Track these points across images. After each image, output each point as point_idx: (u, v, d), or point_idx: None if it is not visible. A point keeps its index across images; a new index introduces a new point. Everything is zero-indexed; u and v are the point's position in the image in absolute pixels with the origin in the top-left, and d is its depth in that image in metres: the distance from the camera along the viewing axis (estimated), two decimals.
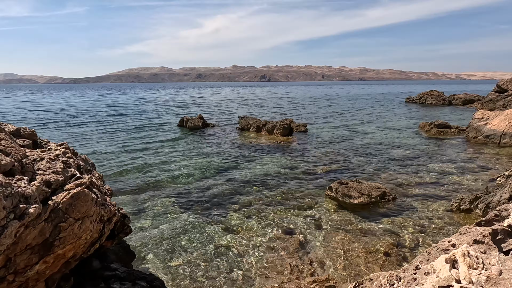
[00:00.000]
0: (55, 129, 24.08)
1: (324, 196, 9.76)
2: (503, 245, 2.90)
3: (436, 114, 32.49)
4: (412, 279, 2.88)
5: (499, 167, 12.33)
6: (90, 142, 18.73)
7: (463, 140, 18.11)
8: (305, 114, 33.90)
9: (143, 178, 11.66)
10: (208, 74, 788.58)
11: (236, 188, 10.53)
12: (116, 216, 4.63)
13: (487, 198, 8.05)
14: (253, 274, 6.00)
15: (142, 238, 7.30)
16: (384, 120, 27.68)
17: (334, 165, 13.32)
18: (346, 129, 23.17)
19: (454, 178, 11.20)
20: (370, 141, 18.39)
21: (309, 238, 7.26)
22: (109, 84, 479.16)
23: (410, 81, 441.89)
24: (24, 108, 43.22)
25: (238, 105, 46.15)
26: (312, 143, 17.83)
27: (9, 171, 3.29)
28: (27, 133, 4.54)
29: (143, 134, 21.36)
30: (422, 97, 46.49)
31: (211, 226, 7.90)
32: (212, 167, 13.09)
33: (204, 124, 24.02)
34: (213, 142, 18.38)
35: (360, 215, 8.39)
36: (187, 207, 9.06)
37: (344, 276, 5.87)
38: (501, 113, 18.16)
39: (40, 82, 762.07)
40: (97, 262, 4.78)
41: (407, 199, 9.45)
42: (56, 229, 3.42)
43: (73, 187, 3.71)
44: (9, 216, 2.92)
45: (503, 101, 31.33)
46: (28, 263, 3.26)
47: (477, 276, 2.46)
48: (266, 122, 22.11)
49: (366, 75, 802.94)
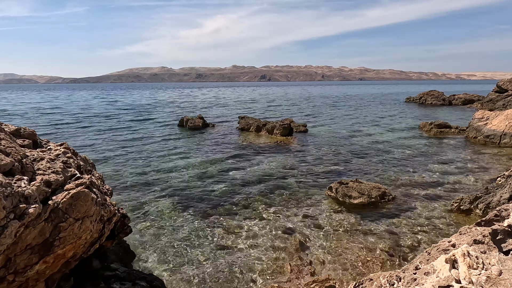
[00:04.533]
0: (55, 128, 24.11)
1: (324, 196, 9.76)
2: (503, 245, 2.90)
3: (436, 114, 32.49)
4: (412, 279, 2.88)
5: (499, 167, 12.33)
6: (90, 142, 18.73)
7: (463, 140, 18.11)
8: (305, 114, 33.90)
9: (143, 178, 11.66)
10: (208, 74, 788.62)
11: (236, 188, 10.53)
12: (116, 216, 4.63)
13: (487, 198, 8.05)
14: (253, 274, 6.00)
15: (142, 238, 7.30)
16: (384, 120, 27.69)
17: (334, 165, 13.32)
18: (346, 129, 23.17)
19: (454, 178, 11.19)
20: (370, 141, 18.39)
21: (309, 238, 7.26)
22: (109, 84, 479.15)
23: (410, 81, 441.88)
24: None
25: (238, 105, 46.16)
26: (312, 143, 17.83)
27: (9, 171, 3.29)
28: (27, 133, 4.54)
29: (143, 134, 21.37)
30: (422, 97, 46.50)
31: (211, 226, 7.90)
32: (212, 167, 13.09)
33: (204, 124, 24.02)
34: (213, 142, 18.38)
35: (360, 215, 8.39)
36: (187, 207, 9.05)
37: (344, 276, 5.87)
38: (501, 113, 18.15)
39: (40, 82, 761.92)
40: (97, 262, 4.78)
41: (407, 199, 9.45)
42: (56, 229, 3.42)
43: (73, 187, 3.71)
44: (9, 216, 2.92)
45: (503, 101, 31.33)
46: (28, 263, 3.25)
47: (477, 276, 2.46)
48: (266, 122, 22.11)
49: (366, 75, 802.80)
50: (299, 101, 53.69)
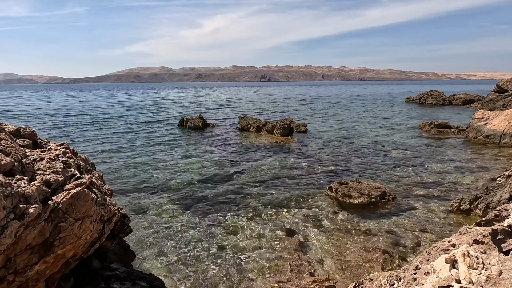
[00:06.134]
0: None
1: (324, 196, 9.76)
2: (503, 245, 2.90)
3: (436, 114, 32.48)
4: (412, 279, 2.88)
5: (499, 167, 12.33)
6: (90, 142, 18.72)
7: (463, 140, 18.11)
8: (305, 114, 33.90)
9: (143, 178, 11.66)
10: (208, 74, 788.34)
11: (236, 188, 10.53)
12: (116, 216, 4.63)
13: (487, 198, 8.04)
14: (253, 274, 6.00)
15: (142, 238, 7.30)
16: (384, 120, 27.68)
17: (334, 165, 13.32)
18: (346, 129, 23.17)
19: (454, 178, 11.19)
20: (370, 141, 18.39)
21: (309, 238, 7.26)
22: (110, 84, 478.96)
23: (410, 81, 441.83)
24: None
25: (238, 105, 46.14)
26: (312, 143, 17.83)
27: (9, 171, 3.29)
28: (27, 133, 4.54)
29: (143, 134, 21.36)
30: (422, 97, 46.49)
31: (211, 226, 7.90)
32: (212, 167, 13.09)
33: (204, 124, 24.02)
34: (213, 142, 18.38)
35: (360, 215, 8.39)
36: (187, 207, 9.06)
37: (344, 276, 5.87)
38: (501, 113, 18.15)
39: (40, 82, 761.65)
40: (97, 262, 4.78)
41: (407, 199, 9.45)
42: (56, 229, 3.42)
43: (73, 187, 3.71)
44: (9, 216, 2.92)
45: (503, 101, 31.34)
46: (28, 263, 3.25)
47: (477, 276, 2.46)
48: (266, 122, 22.11)
49: (366, 75, 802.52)
50: (299, 101, 53.69)
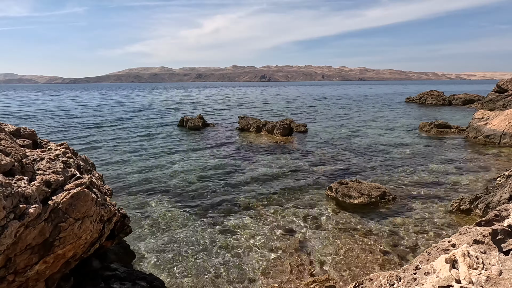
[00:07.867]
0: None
1: (324, 196, 9.76)
2: (503, 245, 2.90)
3: (436, 114, 32.48)
4: (412, 279, 2.88)
5: (499, 167, 12.33)
6: (90, 142, 18.73)
7: (463, 140, 18.11)
8: (305, 114, 33.90)
9: (142, 178, 11.66)
10: (208, 74, 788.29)
11: (236, 188, 10.53)
12: (116, 216, 4.63)
13: (487, 198, 8.04)
14: (253, 274, 6.00)
15: (142, 238, 7.30)
16: (384, 120, 27.67)
17: (334, 165, 13.32)
18: (346, 129, 23.17)
19: (454, 178, 11.19)
20: (370, 141, 18.39)
21: (309, 238, 7.26)
22: (110, 84, 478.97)
23: (410, 81, 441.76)
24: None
25: (238, 105, 46.13)
26: (312, 143, 17.83)
27: (9, 171, 3.29)
28: (27, 133, 4.54)
29: (143, 134, 21.36)
30: (422, 97, 46.49)
31: (211, 226, 7.90)
32: (211, 167, 13.09)
33: (204, 124, 24.02)
34: (213, 142, 18.38)
35: (360, 215, 8.39)
36: (187, 206, 9.05)
37: (344, 276, 5.87)
38: (501, 113, 18.15)
39: (40, 82, 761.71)
40: (97, 262, 4.78)
41: (407, 199, 9.45)
42: (56, 229, 3.42)
43: (73, 187, 3.71)
44: (9, 216, 2.92)
45: (503, 101, 31.35)
46: (28, 263, 3.26)
47: (477, 276, 2.46)
48: (266, 122, 22.11)
49: (366, 75, 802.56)
50: (299, 101, 53.69)
